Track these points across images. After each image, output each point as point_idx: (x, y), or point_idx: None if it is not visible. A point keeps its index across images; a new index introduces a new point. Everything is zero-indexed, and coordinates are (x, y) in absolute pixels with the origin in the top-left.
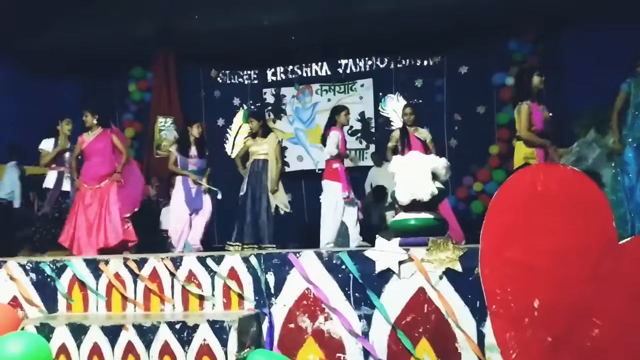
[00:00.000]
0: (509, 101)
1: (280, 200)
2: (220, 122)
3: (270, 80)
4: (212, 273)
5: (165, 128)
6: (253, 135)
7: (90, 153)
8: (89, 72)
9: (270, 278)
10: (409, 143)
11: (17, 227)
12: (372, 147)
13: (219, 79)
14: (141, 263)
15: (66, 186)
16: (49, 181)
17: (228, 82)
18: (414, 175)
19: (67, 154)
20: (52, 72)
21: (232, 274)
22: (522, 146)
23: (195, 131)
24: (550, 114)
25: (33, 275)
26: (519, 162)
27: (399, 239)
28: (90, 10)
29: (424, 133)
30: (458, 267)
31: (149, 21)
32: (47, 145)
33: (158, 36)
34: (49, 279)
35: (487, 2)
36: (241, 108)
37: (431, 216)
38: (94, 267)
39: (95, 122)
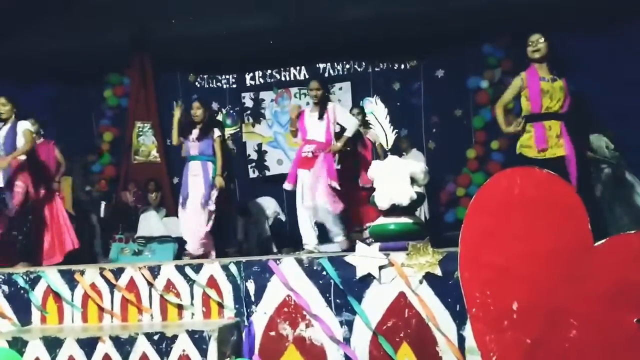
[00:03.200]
0: (485, 104)
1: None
2: None
3: (249, 85)
4: (191, 282)
5: (144, 133)
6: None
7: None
8: (63, 78)
9: (251, 286)
10: (364, 144)
11: None
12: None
13: (197, 83)
14: (118, 273)
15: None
16: None
17: (206, 86)
18: (392, 180)
19: None
20: (25, 79)
21: (212, 282)
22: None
23: (197, 112)
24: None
25: (5, 288)
26: (517, 151)
27: (379, 244)
28: (65, 15)
29: (372, 135)
30: (438, 271)
31: (124, 26)
32: None
33: (134, 41)
34: (22, 291)
35: (461, 8)
36: (220, 112)
37: (410, 220)
38: (69, 278)
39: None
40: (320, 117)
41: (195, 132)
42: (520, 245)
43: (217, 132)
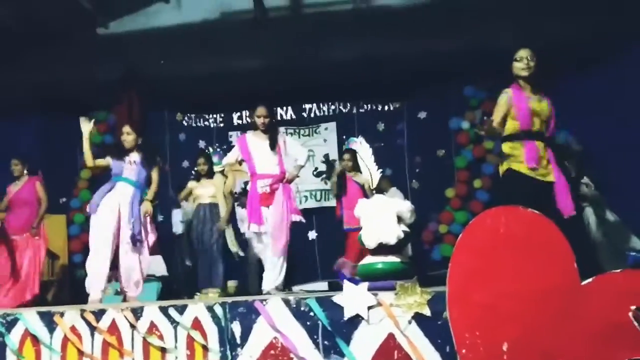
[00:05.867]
0: (466, 144)
1: (231, 241)
2: (185, 164)
3: (236, 124)
4: (174, 324)
5: None
6: (198, 177)
7: (16, 203)
8: (49, 113)
9: (236, 327)
10: (347, 189)
11: None
12: None
13: (184, 122)
14: (99, 314)
15: None
16: None
17: (194, 125)
18: (379, 218)
19: None
20: (10, 112)
21: (196, 324)
22: (506, 146)
23: (125, 138)
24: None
25: None
26: (503, 167)
27: (367, 283)
28: (54, 50)
29: (362, 178)
30: (427, 311)
31: (113, 64)
32: None
33: (122, 79)
34: None
35: (443, 51)
36: (207, 150)
37: (398, 259)
38: (49, 320)
39: (25, 171)
40: (272, 147)
41: (135, 156)
42: (508, 285)
43: (159, 159)
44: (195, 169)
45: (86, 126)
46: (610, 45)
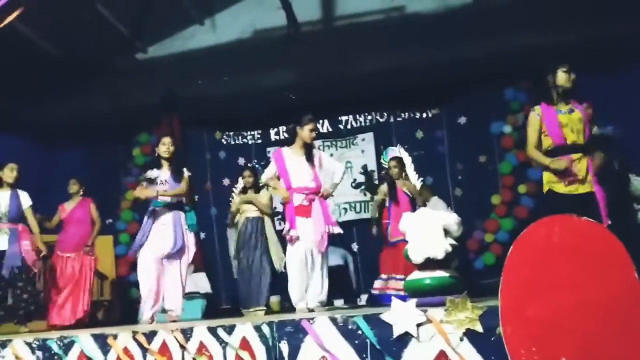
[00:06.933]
0: (510, 149)
1: (277, 256)
2: (226, 182)
3: (273, 139)
4: (223, 344)
5: None
6: (244, 190)
7: (69, 222)
8: (95, 137)
9: (284, 347)
10: (396, 196)
11: None
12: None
13: (223, 140)
14: (150, 336)
15: (2, 244)
16: None
17: (232, 143)
18: (426, 232)
19: (2, 205)
20: (57, 140)
21: (244, 344)
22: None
23: (161, 149)
24: (588, 111)
25: (40, 354)
26: (544, 188)
27: (415, 299)
28: (97, 78)
29: (409, 185)
30: (479, 328)
31: (152, 87)
32: None
33: (163, 101)
34: (55, 357)
35: (479, 56)
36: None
37: (447, 274)
38: (102, 342)
39: (81, 192)
40: (308, 161)
41: (165, 174)
42: (564, 297)
43: (186, 172)
44: (241, 182)
45: (142, 192)
46: None
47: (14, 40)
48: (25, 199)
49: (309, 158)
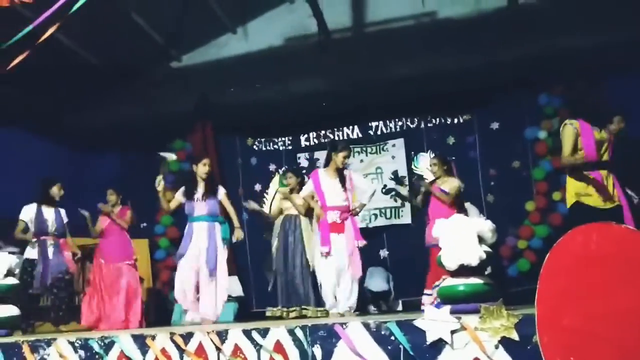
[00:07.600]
0: (544, 155)
1: (311, 256)
2: (258, 187)
3: (304, 145)
4: (257, 347)
5: None
6: (290, 191)
7: (110, 231)
8: (130, 145)
9: (317, 351)
10: (430, 202)
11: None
12: (407, 205)
13: (254, 146)
14: (187, 337)
15: (50, 254)
16: (32, 252)
17: (264, 149)
18: (459, 239)
19: (49, 221)
20: (95, 145)
21: (278, 347)
22: (572, 180)
23: (201, 169)
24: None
25: (82, 353)
26: (570, 200)
27: (449, 306)
28: (132, 87)
29: (451, 184)
30: (514, 336)
31: (187, 95)
32: (27, 213)
33: (196, 109)
34: (97, 356)
35: (512, 60)
36: (277, 173)
37: (481, 281)
38: (141, 343)
39: (119, 201)
40: (341, 183)
41: (200, 191)
42: (602, 306)
43: (222, 189)
44: (285, 183)
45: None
46: None
47: (58, 51)
48: (64, 215)
49: (342, 180)
